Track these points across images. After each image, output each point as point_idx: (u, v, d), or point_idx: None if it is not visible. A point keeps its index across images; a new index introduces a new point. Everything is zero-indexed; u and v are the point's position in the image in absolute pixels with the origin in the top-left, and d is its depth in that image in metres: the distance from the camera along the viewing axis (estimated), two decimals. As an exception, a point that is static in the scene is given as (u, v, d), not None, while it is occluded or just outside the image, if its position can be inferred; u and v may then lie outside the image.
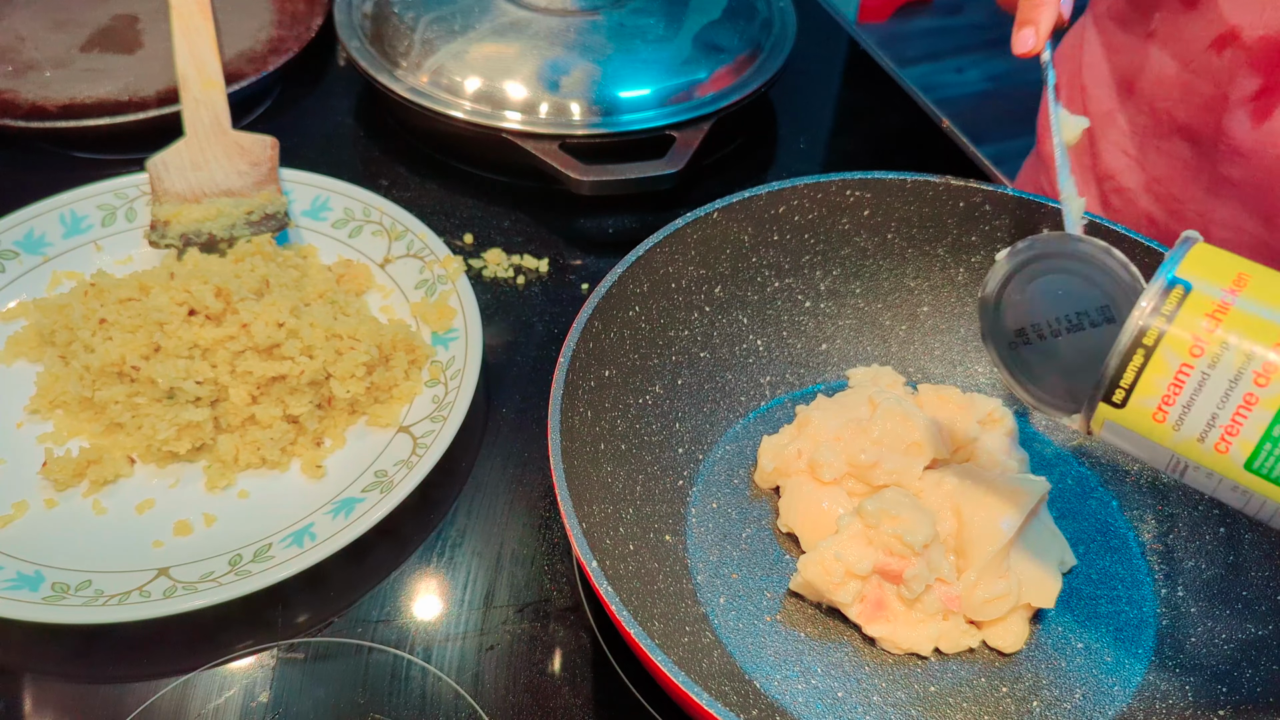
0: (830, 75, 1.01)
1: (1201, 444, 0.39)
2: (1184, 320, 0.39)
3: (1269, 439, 0.38)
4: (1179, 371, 0.39)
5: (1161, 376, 0.40)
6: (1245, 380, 0.38)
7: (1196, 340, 0.39)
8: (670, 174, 0.76)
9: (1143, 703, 0.53)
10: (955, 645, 0.54)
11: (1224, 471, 0.40)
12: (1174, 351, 0.39)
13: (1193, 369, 0.39)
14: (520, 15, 0.83)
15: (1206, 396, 0.39)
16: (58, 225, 0.71)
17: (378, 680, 0.52)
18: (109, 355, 0.59)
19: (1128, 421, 0.41)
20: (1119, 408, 0.41)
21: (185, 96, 0.79)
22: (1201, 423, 0.39)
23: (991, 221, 0.64)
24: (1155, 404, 0.40)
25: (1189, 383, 0.39)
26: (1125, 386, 0.40)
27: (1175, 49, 0.70)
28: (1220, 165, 0.71)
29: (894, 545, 0.53)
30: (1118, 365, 0.40)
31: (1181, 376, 0.39)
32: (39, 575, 0.53)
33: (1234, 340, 0.39)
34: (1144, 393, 0.40)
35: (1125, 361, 0.40)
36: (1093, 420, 0.42)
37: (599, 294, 0.56)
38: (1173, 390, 0.39)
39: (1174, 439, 0.40)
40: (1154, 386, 0.40)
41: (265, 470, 0.61)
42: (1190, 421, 0.39)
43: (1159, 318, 0.40)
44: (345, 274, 0.71)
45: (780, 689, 0.52)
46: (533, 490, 0.62)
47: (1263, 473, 0.39)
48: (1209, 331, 0.39)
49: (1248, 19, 0.64)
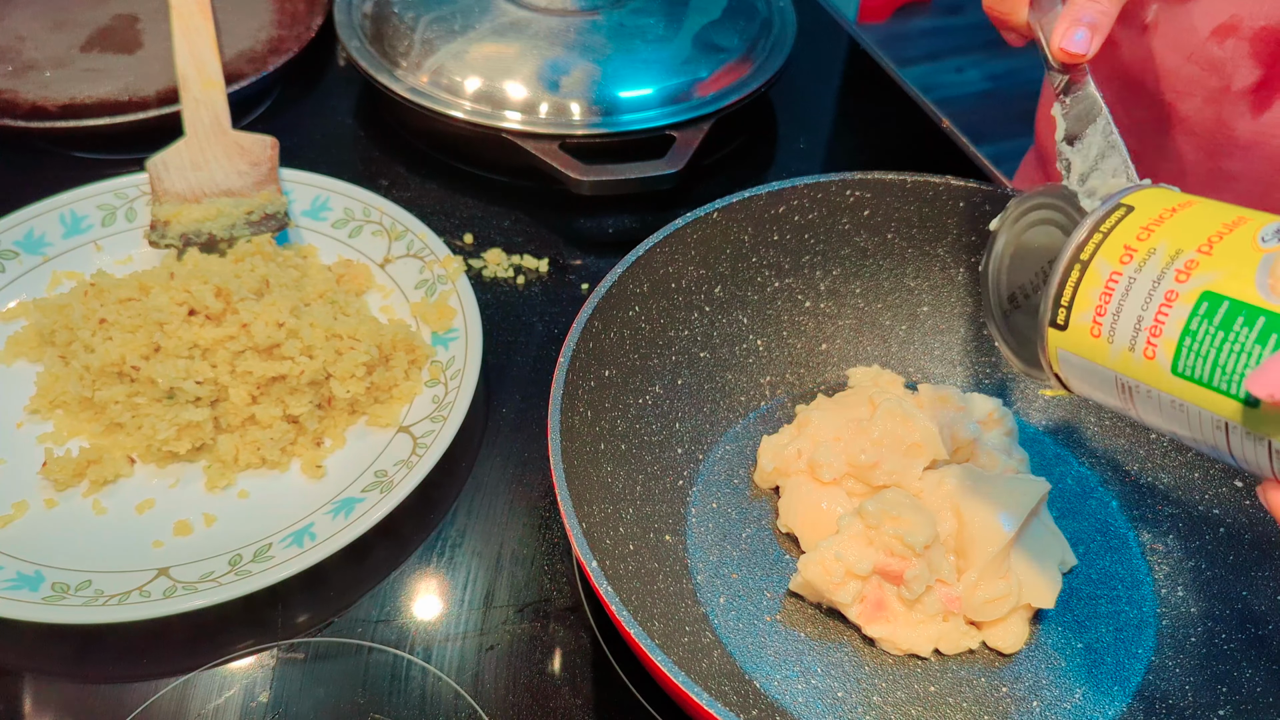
0: (830, 75, 1.01)
1: (1133, 353, 0.38)
2: (1119, 232, 0.40)
3: (1187, 333, 0.37)
4: (1109, 280, 0.39)
5: (1094, 288, 0.39)
6: (1168, 278, 0.38)
7: (1127, 248, 0.39)
8: (670, 174, 0.76)
9: (1143, 703, 0.53)
10: (955, 646, 0.54)
11: (1156, 382, 0.38)
12: (1106, 261, 0.39)
13: (1121, 275, 0.39)
14: (520, 15, 0.83)
15: (1133, 301, 0.38)
16: (58, 225, 0.71)
17: (378, 680, 0.53)
18: (109, 355, 0.59)
19: (1071, 344, 0.41)
20: (1063, 330, 0.41)
21: (185, 96, 0.79)
22: (1129, 329, 0.39)
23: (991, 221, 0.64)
24: (1090, 317, 0.40)
25: (1118, 289, 0.39)
26: (1065, 304, 0.40)
27: (1175, 41, 0.70)
28: (1220, 158, 0.71)
29: (895, 546, 0.53)
30: (1059, 283, 0.41)
31: (1111, 284, 0.39)
32: (39, 575, 0.53)
33: (1161, 244, 0.38)
34: (1080, 308, 0.40)
35: (1064, 278, 0.40)
36: (1048, 353, 0.42)
37: (599, 294, 0.56)
38: (1104, 300, 0.39)
39: (1110, 354, 0.39)
40: (1088, 299, 0.40)
41: (265, 470, 0.61)
42: (1120, 330, 0.39)
43: (1097, 234, 0.40)
44: (345, 274, 0.71)
45: (780, 689, 0.53)
46: (533, 490, 0.62)
47: (1189, 374, 0.37)
48: (1140, 240, 0.39)
49: (1248, 9, 0.64)
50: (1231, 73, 0.67)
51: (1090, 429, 0.64)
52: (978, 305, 0.66)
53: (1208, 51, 0.67)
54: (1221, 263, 0.36)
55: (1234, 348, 0.35)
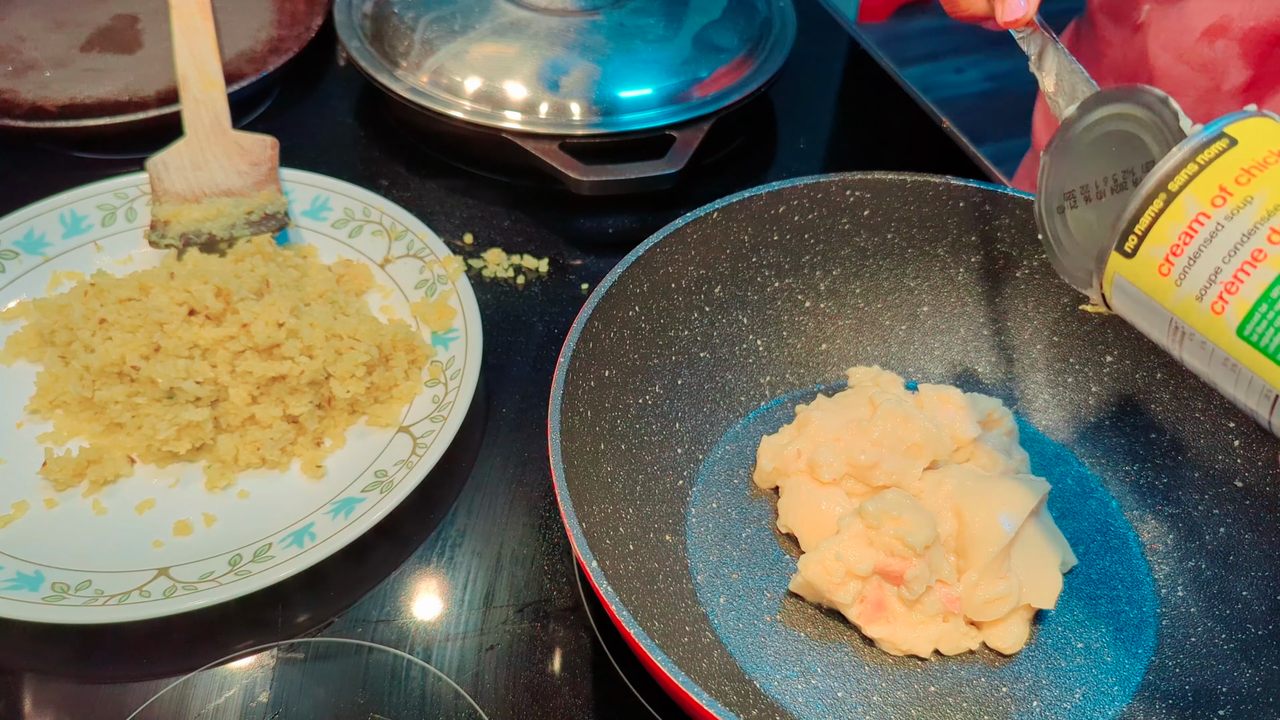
0: (830, 75, 1.01)
1: (1200, 302, 0.37)
2: (1217, 169, 0.37)
3: (1265, 299, 0.35)
4: (1195, 220, 0.37)
5: (1176, 224, 0.37)
6: (1258, 236, 0.36)
7: (1222, 190, 0.36)
8: (670, 174, 0.76)
9: (1143, 703, 0.53)
10: (955, 647, 0.54)
11: (1217, 338, 0.37)
12: (1195, 199, 0.37)
13: (1209, 218, 0.36)
14: (520, 15, 0.83)
15: (1215, 249, 0.36)
16: (58, 225, 0.71)
17: (378, 680, 0.53)
18: (109, 355, 0.59)
19: (1134, 274, 0.39)
20: (1129, 257, 0.39)
21: (185, 96, 0.79)
22: (1204, 277, 0.37)
23: (991, 221, 0.64)
24: (1164, 254, 0.38)
25: (1201, 233, 0.37)
26: (1139, 233, 0.38)
27: (1167, 40, 0.70)
28: None
29: (895, 546, 0.53)
30: (1137, 208, 0.38)
31: (1196, 226, 0.37)
32: (39, 575, 0.53)
33: (1260, 194, 0.36)
34: (1155, 240, 0.38)
35: (1145, 205, 0.38)
36: (1104, 275, 0.40)
37: (599, 294, 0.56)
38: (1183, 240, 0.37)
39: (1174, 296, 0.38)
40: (1166, 234, 0.37)
41: (265, 470, 0.61)
42: (1193, 275, 0.37)
43: (1192, 164, 0.37)
44: (345, 274, 0.71)
45: (780, 689, 0.53)
46: (533, 490, 0.62)
47: (1253, 340, 0.36)
48: (1238, 184, 0.36)
49: (1238, 9, 0.64)
50: (1222, 73, 0.67)
51: (1090, 429, 0.64)
52: (978, 305, 0.66)
53: (1199, 51, 0.67)
54: None
55: None
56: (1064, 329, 0.65)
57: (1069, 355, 0.65)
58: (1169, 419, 0.61)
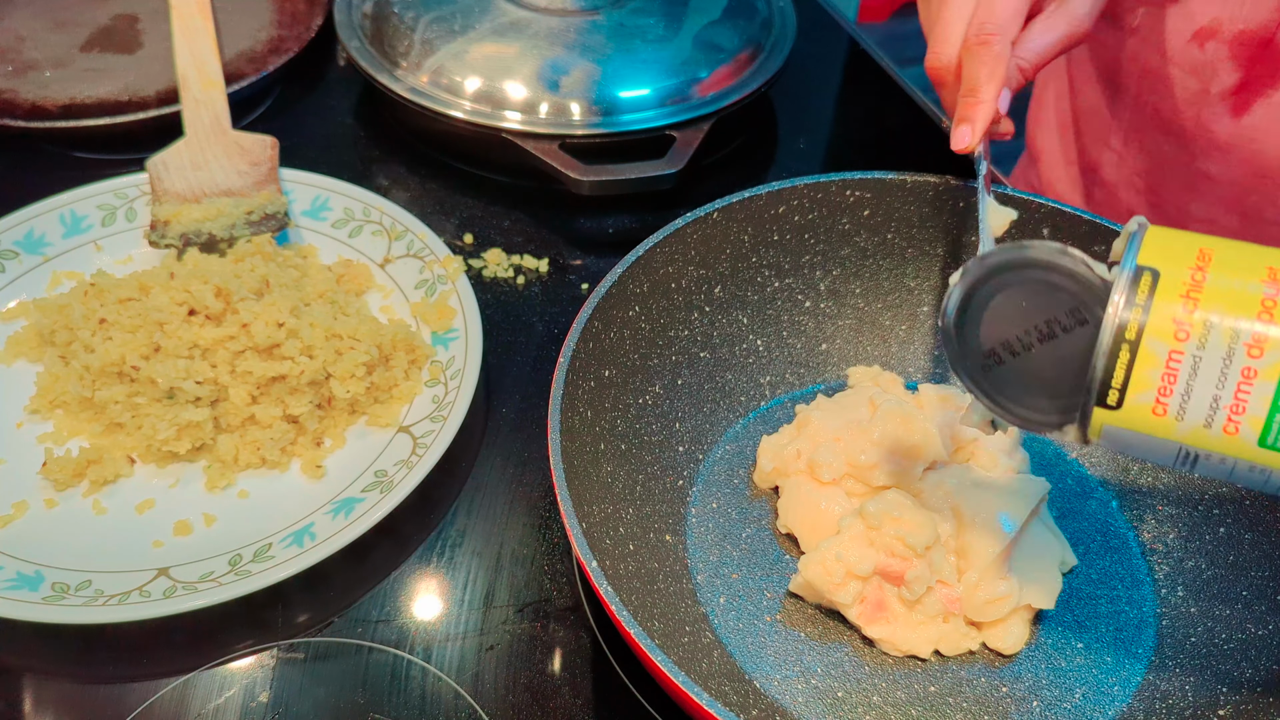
0: (830, 75, 1.01)
1: (1209, 429, 0.38)
2: (1161, 307, 0.38)
3: (1276, 410, 0.37)
4: (1169, 360, 0.38)
5: (1153, 369, 0.38)
6: (1239, 355, 0.37)
7: (1179, 325, 0.38)
8: (670, 174, 0.76)
9: (1143, 703, 0.53)
10: (955, 647, 0.54)
11: (1238, 454, 0.38)
12: (1159, 340, 0.38)
13: (1183, 354, 0.38)
14: (520, 15, 0.83)
15: (1204, 379, 0.37)
16: (58, 225, 0.71)
17: (378, 680, 0.52)
18: (109, 355, 0.59)
19: (1127, 421, 0.40)
20: (1115, 409, 0.39)
21: (185, 96, 0.79)
22: (1205, 407, 0.38)
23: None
24: (1152, 398, 0.38)
25: (1183, 369, 0.38)
26: (1118, 386, 0.39)
27: (1158, 42, 0.70)
28: (1200, 160, 0.71)
29: (896, 547, 0.53)
30: (1105, 366, 0.39)
31: (1173, 364, 0.38)
32: (39, 575, 0.53)
33: (1216, 317, 0.37)
34: (1138, 388, 0.39)
35: (1113, 361, 0.39)
36: (1089, 428, 0.41)
37: (599, 294, 0.56)
38: (1167, 380, 0.38)
39: (1179, 430, 0.38)
40: (1147, 380, 0.38)
41: (265, 470, 0.61)
42: (1193, 409, 0.38)
43: (1135, 309, 0.38)
44: (345, 274, 0.71)
45: (780, 689, 0.52)
46: (533, 490, 0.62)
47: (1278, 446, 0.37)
48: (1188, 313, 0.38)
49: (1228, 13, 0.65)
50: (1211, 75, 0.67)
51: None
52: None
53: (1189, 54, 0.67)
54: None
55: None
56: (1064, 329, 0.64)
57: (1069, 355, 0.65)
58: (1169, 419, 0.61)
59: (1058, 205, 0.62)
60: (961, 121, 0.56)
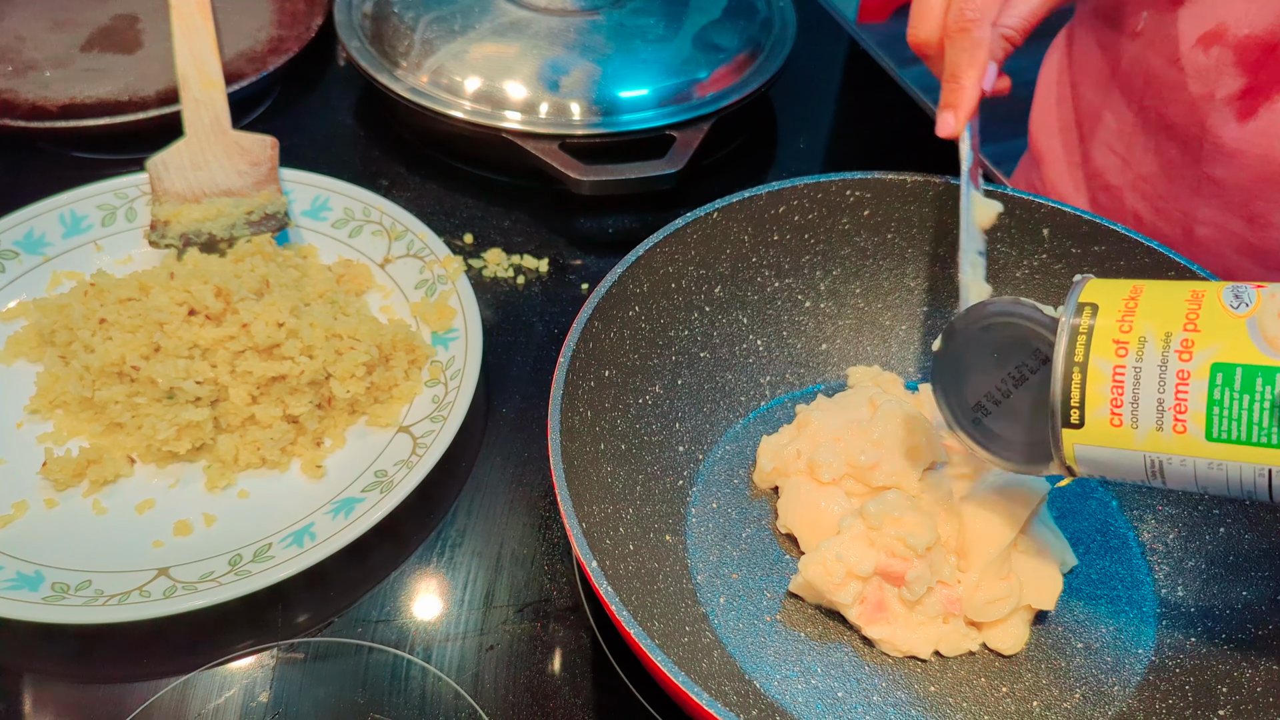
0: (830, 75, 1.01)
1: (1161, 432, 0.42)
2: (1101, 329, 0.43)
3: (1214, 404, 0.40)
4: (1114, 373, 0.42)
5: (1102, 384, 0.43)
6: (1172, 361, 0.41)
7: (1118, 343, 0.43)
8: (670, 174, 0.76)
9: (1143, 703, 0.53)
10: (955, 648, 0.54)
11: (1193, 452, 0.42)
12: (1103, 358, 0.43)
13: (1125, 368, 0.42)
14: (520, 15, 0.83)
15: (1146, 386, 0.42)
16: (58, 225, 0.71)
17: (378, 680, 0.52)
18: (109, 355, 0.59)
19: (1092, 438, 0.44)
20: (1079, 428, 0.44)
21: (185, 96, 0.79)
22: (1153, 411, 0.42)
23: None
24: (1108, 411, 0.43)
25: (1127, 380, 0.42)
26: (1076, 405, 0.44)
27: (1162, 46, 0.70)
28: (1205, 164, 0.71)
29: (896, 547, 0.53)
30: (1063, 389, 0.44)
31: (1118, 377, 0.42)
32: (39, 575, 0.53)
33: (1147, 332, 0.42)
34: (1094, 404, 0.43)
35: (1068, 383, 0.44)
36: (1063, 452, 0.45)
37: (599, 294, 0.56)
38: (1116, 392, 0.43)
39: (1137, 438, 0.43)
40: (1100, 395, 0.43)
41: (265, 470, 0.61)
42: (1143, 414, 0.42)
43: (1080, 336, 0.43)
44: (345, 274, 0.71)
45: (780, 689, 0.52)
46: (533, 490, 0.62)
47: (1225, 438, 0.41)
48: (1124, 331, 0.43)
49: (1234, 17, 0.64)
50: (1216, 80, 0.67)
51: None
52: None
53: (1194, 58, 0.67)
54: (1213, 336, 0.41)
55: (1261, 404, 0.40)
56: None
57: (1069, 355, 0.65)
58: (1169, 419, 0.61)
59: (1058, 205, 0.62)
60: (945, 108, 0.58)
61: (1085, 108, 0.80)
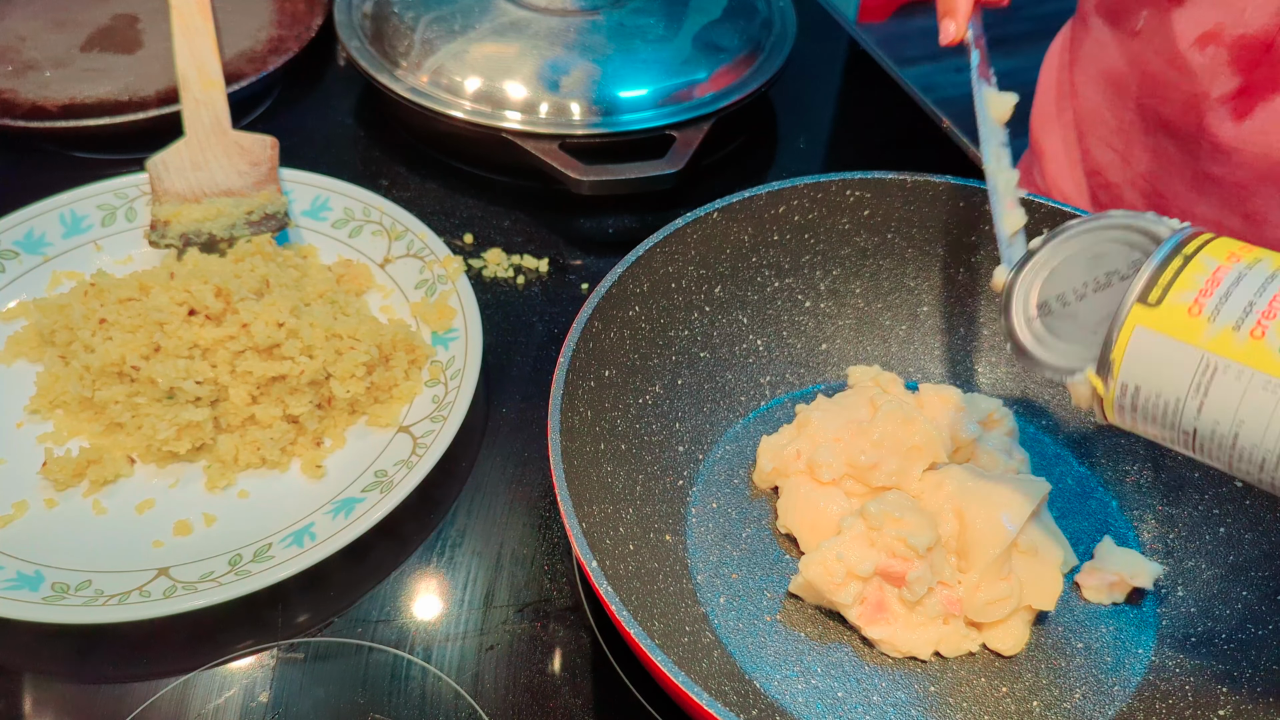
0: (830, 75, 1.01)
1: (1236, 333, 0.41)
2: (1222, 242, 0.43)
3: None
4: (1216, 271, 0.42)
5: (1199, 274, 0.42)
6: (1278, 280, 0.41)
7: (1232, 254, 0.42)
8: (670, 174, 0.76)
9: (1143, 703, 0.53)
10: (955, 649, 0.54)
11: (1259, 363, 0.40)
12: (1213, 258, 0.42)
13: (1231, 269, 0.42)
14: (520, 15, 0.83)
15: (1244, 288, 0.41)
16: (58, 225, 0.71)
17: (378, 680, 0.53)
18: (109, 355, 0.59)
19: (1161, 321, 0.42)
20: (1154, 307, 0.43)
21: (185, 96, 0.79)
22: (1238, 310, 0.41)
23: (991, 221, 0.64)
24: (1191, 298, 0.42)
25: (1227, 278, 0.42)
26: (1163, 285, 0.42)
27: (1161, 45, 0.70)
28: (1203, 162, 0.71)
29: (897, 548, 0.53)
30: (1156, 267, 0.43)
31: (1219, 274, 0.42)
32: (39, 575, 0.53)
33: (1267, 256, 0.42)
34: (1181, 288, 0.42)
35: (1164, 266, 0.43)
36: (1121, 328, 0.44)
37: (599, 294, 0.56)
38: (1210, 285, 0.42)
39: (1206, 333, 0.41)
40: (1191, 283, 0.42)
41: (265, 470, 0.61)
42: (1226, 311, 0.41)
43: (1200, 238, 0.43)
44: (345, 274, 0.71)
45: (780, 689, 0.53)
46: (533, 490, 0.62)
47: None
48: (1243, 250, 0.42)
49: (1230, 17, 0.65)
50: (1212, 79, 0.67)
51: (1090, 429, 0.64)
52: (978, 305, 0.66)
53: (1190, 58, 0.68)
54: None
55: None
56: (1064, 329, 0.64)
57: (1069, 355, 0.65)
58: (1169, 419, 0.61)
59: (1058, 205, 0.62)
60: (944, 16, 0.57)
61: (1085, 105, 0.80)
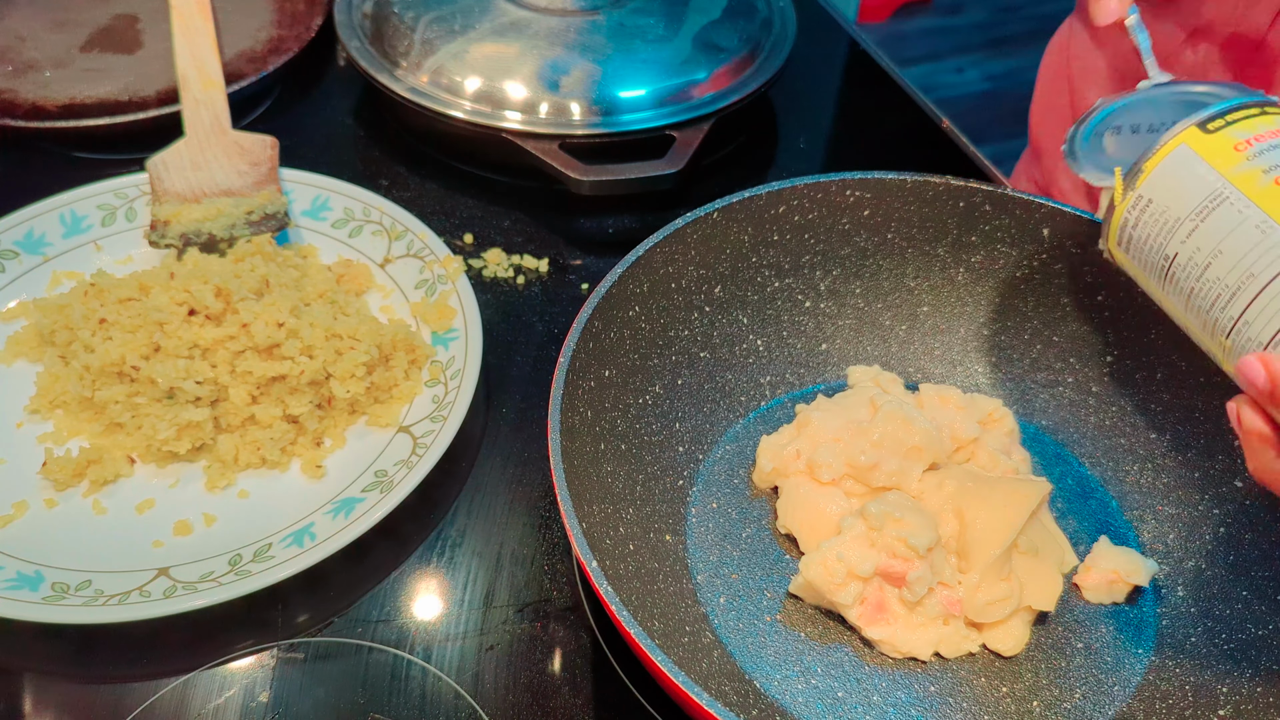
0: (830, 75, 1.01)
1: (1264, 174, 0.44)
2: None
3: None
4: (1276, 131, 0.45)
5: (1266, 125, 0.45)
6: None
7: None
8: (670, 174, 0.76)
9: (1143, 703, 0.53)
10: (955, 650, 0.54)
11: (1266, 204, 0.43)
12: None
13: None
14: (520, 15, 0.83)
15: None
16: (58, 225, 0.71)
17: (378, 680, 0.53)
18: (109, 355, 0.59)
19: (1204, 145, 0.46)
20: (1207, 133, 0.46)
21: (185, 96, 0.79)
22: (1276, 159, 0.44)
23: (991, 221, 0.64)
24: (1244, 138, 0.45)
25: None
26: (1228, 120, 0.46)
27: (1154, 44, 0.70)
28: None
29: (898, 548, 0.53)
30: (1231, 107, 0.46)
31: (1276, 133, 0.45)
32: (39, 575, 0.53)
33: None
34: (1242, 128, 0.45)
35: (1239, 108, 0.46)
36: (1169, 141, 0.47)
37: (599, 294, 0.56)
38: (1268, 135, 0.45)
39: (1238, 166, 0.45)
40: (1254, 128, 0.45)
41: (265, 470, 0.61)
42: (1265, 157, 0.44)
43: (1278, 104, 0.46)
44: (345, 274, 0.71)
45: (780, 689, 0.53)
46: (533, 490, 0.62)
47: None
48: None
49: (1221, 15, 0.65)
50: (1202, 76, 0.67)
51: (1090, 429, 0.64)
52: (978, 305, 0.66)
53: (1182, 55, 0.68)
54: None
55: None
56: (1064, 329, 0.64)
57: (1069, 355, 0.65)
58: (1169, 419, 0.61)
59: (1058, 205, 0.62)
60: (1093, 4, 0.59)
61: (1082, 102, 0.80)
